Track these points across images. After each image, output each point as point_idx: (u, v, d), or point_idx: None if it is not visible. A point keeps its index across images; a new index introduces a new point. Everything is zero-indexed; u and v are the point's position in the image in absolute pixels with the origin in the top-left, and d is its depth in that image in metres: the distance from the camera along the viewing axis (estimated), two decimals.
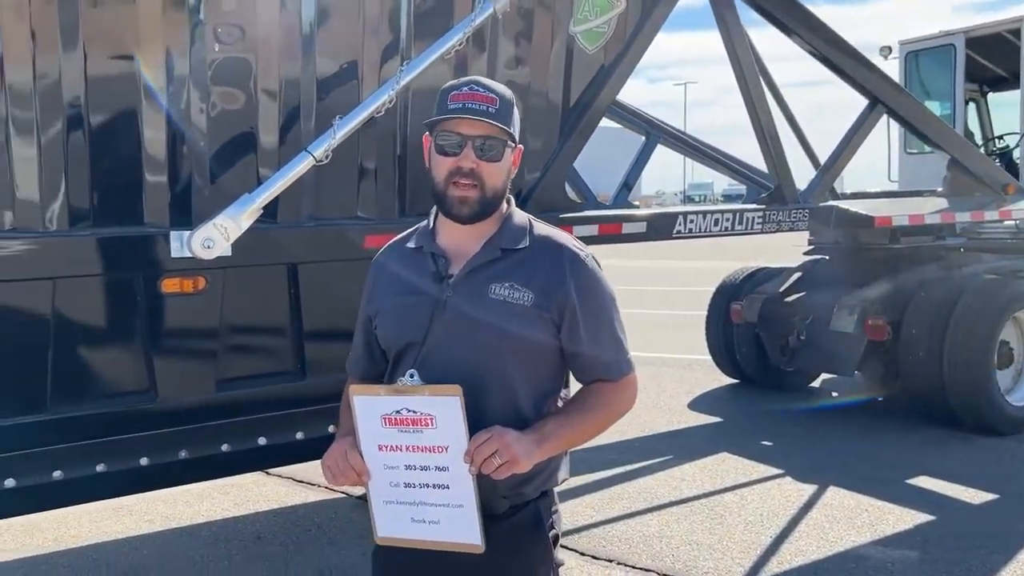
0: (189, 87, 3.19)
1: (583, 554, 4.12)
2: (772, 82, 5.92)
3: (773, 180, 5.42)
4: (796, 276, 7.26)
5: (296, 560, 4.12)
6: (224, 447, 3.51)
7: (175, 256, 3.12)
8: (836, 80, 5.77)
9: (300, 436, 3.68)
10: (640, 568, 4.00)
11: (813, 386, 7.63)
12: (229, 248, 3.08)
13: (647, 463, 5.55)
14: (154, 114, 3.14)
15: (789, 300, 6.94)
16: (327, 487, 5.07)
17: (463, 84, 1.82)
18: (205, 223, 3.05)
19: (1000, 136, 9.09)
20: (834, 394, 7.53)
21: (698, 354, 8.11)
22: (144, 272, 3.22)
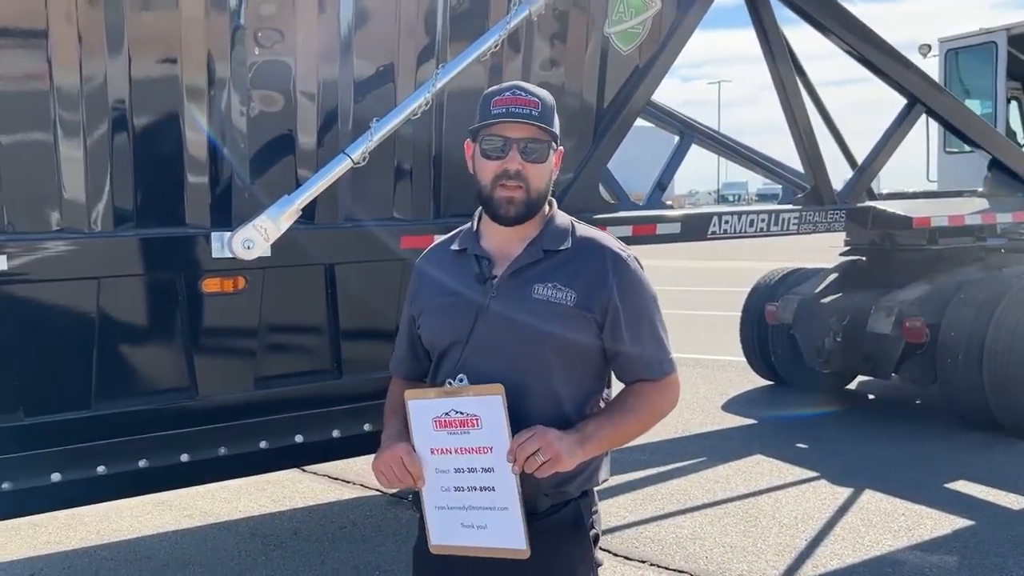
0: (230, 90, 3.24)
1: (616, 555, 4.12)
2: (808, 80, 5.86)
3: (809, 180, 5.37)
4: (832, 277, 7.17)
5: (332, 556, 4.17)
6: (262, 444, 3.56)
7: (216, 256, 3.17)
8: (873, 78, 5.71)
9: (336, 434, 3.72)
10: (673, 569, 3.99)
11: (849, 388, 7.55)
12: (269, 249, 3.13)
13: (681, 464, 5.53)
14: (196, 116, 3.20)
15: (825, 301, 6.86)
16: (362, 484, 5.12)
17: (505, 89, 1.84)
18: (245, 224, 3.10)
19: None
20: (871, 396, 7.45)
21: (732, 355, 8.06)
22: (185, 272, 3.28)
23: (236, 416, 3.51)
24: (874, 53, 5.48)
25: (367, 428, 3.74)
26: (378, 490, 5.00)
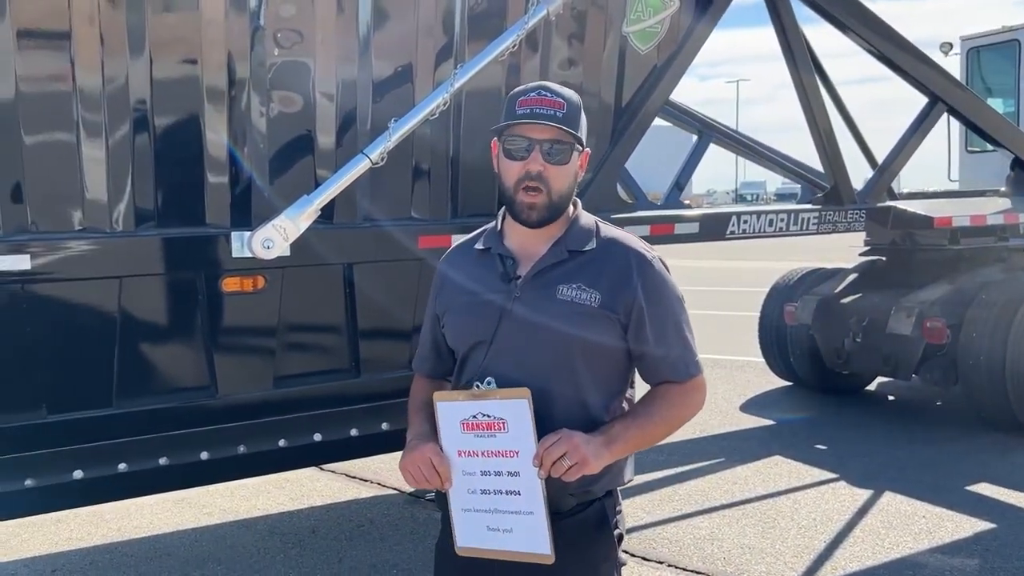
0: (249, 90, 3.26)
1: (633, 555, 4.11)
2: (827, 79, 5.82)
3: (829, 180, 5.34)
4: (852, 277, 7.12)
5: (350, 555, 4.18)
6: (281, 443, 3.59)
7: (236, 256, 3.19)
8: (893, 76, 5.66)
9: (354, 433, 3.74)
10: (691, 570, 3.97)
11: (869, 390, 7.49)
12: (288, 248, 3.15)
13: (699, 465, 5.51)
14: (216, 117, 3.22)
15: (845, 302, 6.81)
16: (380, 483, 5.14)
17: (531, 90, 1.84)
18: (265, 224, 3.12)
19: None
20: (891, 398, 7.39)
21: (751, 356, 8.02)
22: (206, 271, 3.30)
23: (255, 415, 3.53)
24: (895, 51, 5.44)
25: (385, 427, 3.76)
26: (396, 489, 5.01)
